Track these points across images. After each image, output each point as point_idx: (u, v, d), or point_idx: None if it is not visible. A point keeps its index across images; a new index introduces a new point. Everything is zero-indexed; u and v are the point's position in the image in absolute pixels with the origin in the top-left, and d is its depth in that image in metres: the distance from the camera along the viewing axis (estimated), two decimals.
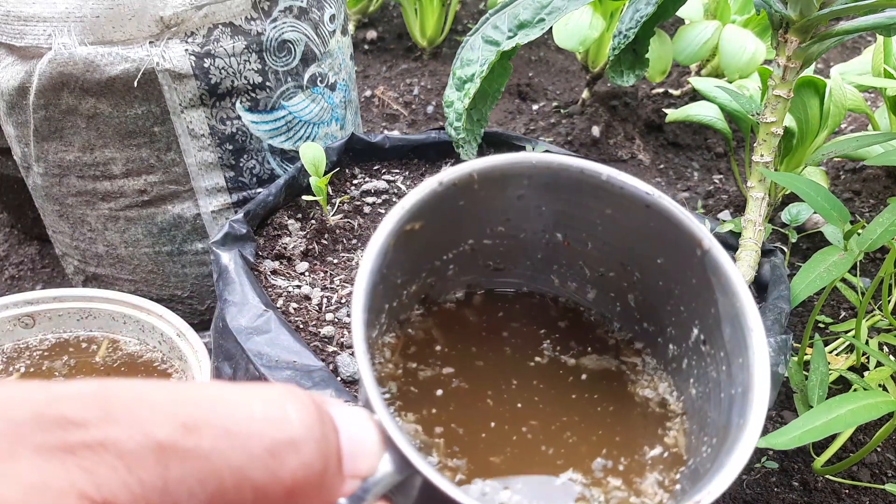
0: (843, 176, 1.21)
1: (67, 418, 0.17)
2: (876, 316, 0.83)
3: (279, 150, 0.86)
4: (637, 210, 0.33)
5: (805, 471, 0.77)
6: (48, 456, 0.16)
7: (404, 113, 1.41)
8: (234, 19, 0.77)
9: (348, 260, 0.74)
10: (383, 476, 0.23)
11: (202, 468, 0.18)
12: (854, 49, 1.64)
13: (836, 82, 0.93)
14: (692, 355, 0.34)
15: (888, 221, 0.64)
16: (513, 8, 0.80)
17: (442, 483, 0.23)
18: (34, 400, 0.17)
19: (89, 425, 0.17)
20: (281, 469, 0.19)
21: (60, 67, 0.74)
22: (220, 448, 0.18)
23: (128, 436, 0.17)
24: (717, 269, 0.31)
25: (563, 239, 0.37)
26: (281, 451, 0.19)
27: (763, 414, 0.27)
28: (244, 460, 0.18)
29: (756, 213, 0.74)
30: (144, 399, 0.18)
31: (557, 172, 0.33)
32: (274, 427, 0.19)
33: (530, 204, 0.35)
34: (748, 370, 0.28)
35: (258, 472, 0.18)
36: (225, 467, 0.18)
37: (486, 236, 0.36)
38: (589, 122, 1.31)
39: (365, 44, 1.67)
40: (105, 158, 0.80)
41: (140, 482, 0.17)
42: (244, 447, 0.18)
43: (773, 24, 0.71)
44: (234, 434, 0.18)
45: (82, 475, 0.16)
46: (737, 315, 0.30)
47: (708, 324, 0.32)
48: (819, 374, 0.69)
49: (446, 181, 0.31)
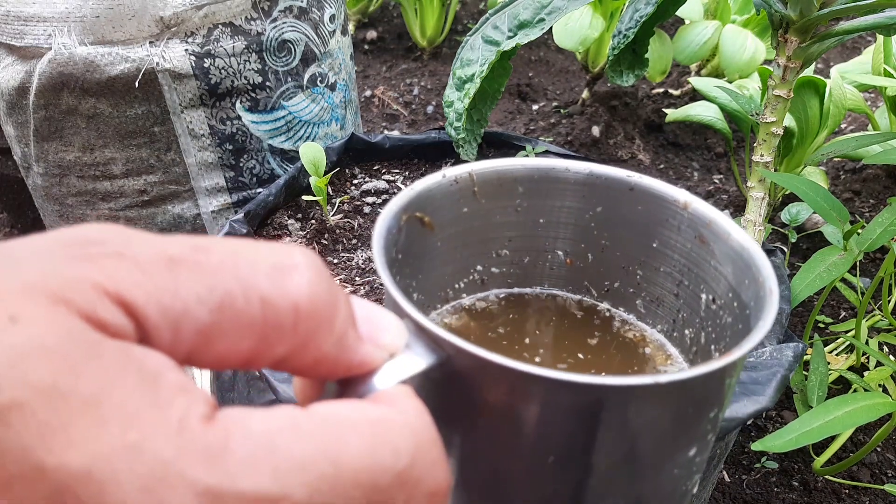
0: (843, 176, 1.21)
1: (89, 238, 0.19)
2: (876, 316, 0.83)
3: (279, 150, 0.86)
4: (624, 197, 0.34)
5: (805, 471, 0.77)
6: (68, 259, 0.18)
7: (404, 113, 1.41)
8: (234, 19, 0.77)
9: (348, 260, 0.74)
10: (409, 359, 0.23)
11: (210, 277, 0.19)
12: (854, 49, 1.64)
13: (836, 82, 0.93)
14: (707, 323, 0.34)
15: (888, 221, 0.64)
16: (513, 8, 0.80)
17: (477, 350, 0.23)
18: (59, 231, 0.19)
19: (108, 242, 0.19)
20: (286, 282, 0.20)
21: (60, 67, 0.74)
22: (227, 263, 0.19)
23: (143, 250, 0.19)
24: (703, 219, 0.33)
25: (566, 257, 0.37)
26: (285, 269, 0.20)
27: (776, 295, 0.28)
28: (249, 272, 0.19)
29: (756, 213, 0.74)
30: (158, 235, 0.20)
31: (547, 174, 0.35)
32: (280, 254, 0.20)
33: (529, 217, 0.36)
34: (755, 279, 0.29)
35: (264, 282, 0.19)
36: (231, 277, 0.19)
37: (492, 262, 0.37)
38: (589, 122, 1.31)
39: (365, 44, 1.67)
40: (105, 158, 0.80)
41: (153, 283, 0.18)
42: (250, 262, 0.20)
43: (773, 24, 0.71)
44: (240, 253, 0.20)
45: (98, 271, 0.18)
46: (731, 246, 0.31)
47: (711, 280, 0.33)
48: (819, 375, 0.69)
49: (449, 175, 0.33)
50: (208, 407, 0.18)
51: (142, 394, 0.17)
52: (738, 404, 0.53)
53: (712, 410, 0.27)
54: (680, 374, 0.23)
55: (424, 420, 0.21)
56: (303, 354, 0.21)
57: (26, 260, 0.18)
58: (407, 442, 0.20)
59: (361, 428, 0.19)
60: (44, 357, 0.16)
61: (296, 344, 0.20)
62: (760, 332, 0.26)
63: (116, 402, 0.16)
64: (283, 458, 0.18)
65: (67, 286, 0.17)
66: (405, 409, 0.21)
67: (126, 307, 0.18)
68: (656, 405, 0.24)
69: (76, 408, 0.16)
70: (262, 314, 0.19)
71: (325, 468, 0.18)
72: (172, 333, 0.18)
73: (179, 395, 0.17)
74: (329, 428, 0.19)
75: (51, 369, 0.16)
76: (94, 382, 0.16)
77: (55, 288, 0.17)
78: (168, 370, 0.18)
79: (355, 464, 0.18)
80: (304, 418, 0.19)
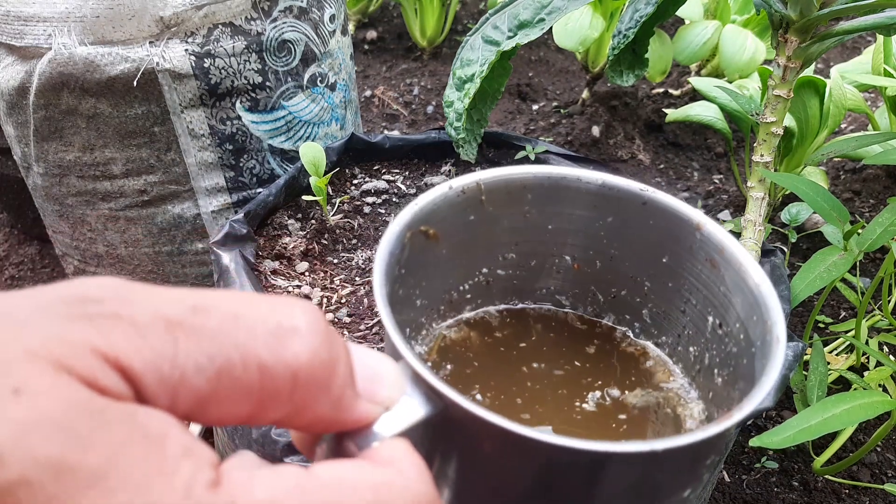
0: (843, 176, 1.21)
1: (87, 296, 0.19)
2: (876, 316, 0.83)
3: (279, 150, 0.86)
4: (635, 210, 0.34)
5: (805, 471, 0.77)
6: (67, 320, 0.18)
7: (404, 113, 1.41)
8: (234, 19, 0.77)
9: (348, 260, 0.74)
10: (407, 408, 0.23)
11: (209, 343, 0.19)
12: (854, 49, 1.64)
13: (836, 82, 0.93)
14: (711, 345, 0.34)
15: (888, 221, 0.64)
16: (513, 8, 0.80)
17: (473, 408, 0.23)
18: (59, 286, 0.19)
19: (106, 301, 0.19)
20: (284, 350, 0.20)
21: (60, 67, 0.74)
22: (226, 328, 0.19)
23: (141, 311, 0.19)
24: (715, 243, 0.32)
25: (573, 262, 0.37)
26: (285, 334, 0.20)
27: (784, 332, 0.28)
28: (248, 339, 0.19)
29: (756, 213, 0.74)
30: (158, 289, 0.20)
31: (557, 182, 0.34)
32: (281, 315, 0.20)
33: (537, 222, 0.36)
34: (764, 321, 0.30)
35: (263, 350, 0.19)
36: (230, 344, 0.19)
37: (498, 265, 0.37)
38: (589, 122, 1.31)
39: (365, 44, 1.67)
40: (105, 158, 0.80)
41: (151, 349, 0.18)
42: (249, 328, 0.20)
43: (773, 24, 0.71)
44: (240, 317, 0.20)
45: (98, 335, 0.18)
46: (743, 279, 0.31)
47: (720, 305, 0.33)
48: (818, 375, 0.69)
49: (456, 186, 0.33)
50: (213, 470, 0.18)
51: (148, 462, 0.17)
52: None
53: (710, 459, 0.27)
54: (678, 440, 0.23)
55: (424, 480, 0.21)
56: (300, 417, 0.21)
57: (28, 321, 0.18)
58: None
59: (363, 493, 0.19)
60: (50, 431, 0.16)
61: (293, 408, 0.21)
62: (764, 389, 0.26)
63: (123, 472, 0.17)
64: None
65: (69, 352, 0.17)
66: (404, 469, 0.21)
67: (124, 373, 0.18)
68: (654, 466, 0.24)
69: (84, 481, 0.16)
70: (259, 382, 0.20)
71: None
72: (170, 400, 0.19)
73: (185, 460, 0.18)
74: (332, 493, 0.19)
75: (58, 443, 0.16)
76: (102, 454, 0.16)
77: (58, 354, 0.17)
78: (172, 429, 0.18)
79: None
80: (308, 483, 0.19)
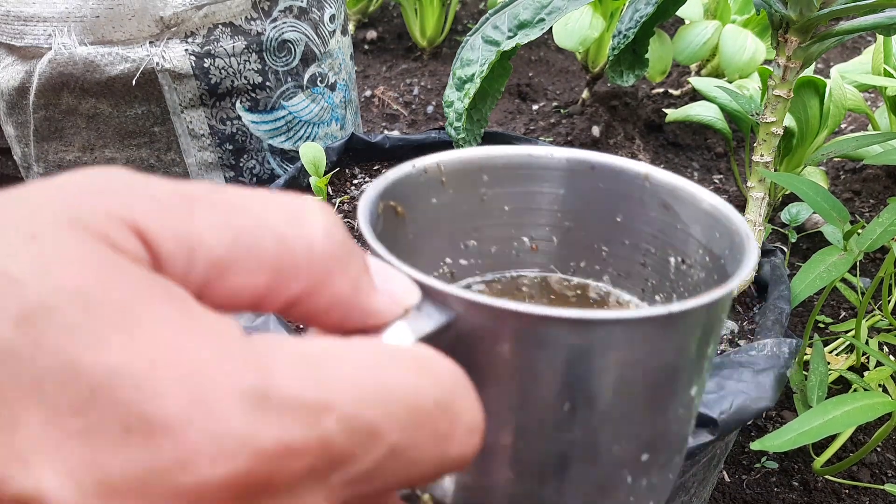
0: (843, 176, 1.21)
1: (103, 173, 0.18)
2: (876, 316, 0.83)
3: (279, 150, 0.86)
4: (585, 176, 0.35)
5: (805, 471, 0.77)
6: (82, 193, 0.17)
7: (404, 113, 1.41)
8: (234, 19, 0.77)
9: None
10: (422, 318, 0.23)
11: (226, 212, 0.19)
12: (854, 49, 1.64)
13: (836, 82, 0.93)
14: (678, 284, 0.35)
15: (888, 221, 0.64)
16: (513, 8, 0.80)
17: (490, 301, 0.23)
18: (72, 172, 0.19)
19: (122, 179, 0.18)
20: (300, 224, 0.20)
21: (60, 67, 0.74)
22: (243, 202, 0.19)
23: (159, 186, 0.18)
24: (664, 186, 0.33)
25: (531, 243, 0.38)
26: (300, 210, 0.20)
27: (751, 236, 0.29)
28: (264, 211, 0.19)
29: (756, 213, 0.74)
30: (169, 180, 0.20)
31: (510, 160, 0.35)
32: (295, 199, 0.20)
33: (494, 206, 0.36)
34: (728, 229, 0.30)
35: (279, 221, 0.19)
36: (246, 214, 0.19)
37: (461, 254, 0.37)
38: (589, 122, 1.31)
39: (365, 44, 1.67)
40: (105, 158, 0.80)
41: (168, 213, 0.18)
42: (264, 203, 0.20)
43: (773, 24, 0.71)
44: (256, 196, 0.20)
45: (114, 202, 0.17)
46: (698, 206, 0.32)
47: (679, 243, 0.34)
48: (818, 375, 0.69)
49: (419, 165, 0.34)
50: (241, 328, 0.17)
51: (173, 306, 0.16)
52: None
53: (710, 346, 0.27)
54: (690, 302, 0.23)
55: (458, 367, 0.20)
56: (317, 295, 0.20)
57: (39, 193, 0.17)
58: (447, 376, 0.20)
59: (403, 358, 0.19)
60: (69, 266, 0.15)
61: (311, 282, 0.20)
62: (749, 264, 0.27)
63: (148, 309, 0.16)
64: (327, 372, 0.17)
65: (84, 213, 0.17)
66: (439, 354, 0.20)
67: (141, 235, 0.17)
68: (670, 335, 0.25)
69: (107, 312, 0.15)
70: (276, 250, 0.19)
71: (369, 383, 0.18)
72: (186, 263, 0.18)
73: (212, 313, 0.17)
74: (370, 353, 0.19)
75: (78, 277, 0.15)
76: (124, 291, 0.16)
77: (72, 214, 0.16)
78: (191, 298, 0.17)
79: (399, 381, 0.18)
80: (345, 343, 0.19)
